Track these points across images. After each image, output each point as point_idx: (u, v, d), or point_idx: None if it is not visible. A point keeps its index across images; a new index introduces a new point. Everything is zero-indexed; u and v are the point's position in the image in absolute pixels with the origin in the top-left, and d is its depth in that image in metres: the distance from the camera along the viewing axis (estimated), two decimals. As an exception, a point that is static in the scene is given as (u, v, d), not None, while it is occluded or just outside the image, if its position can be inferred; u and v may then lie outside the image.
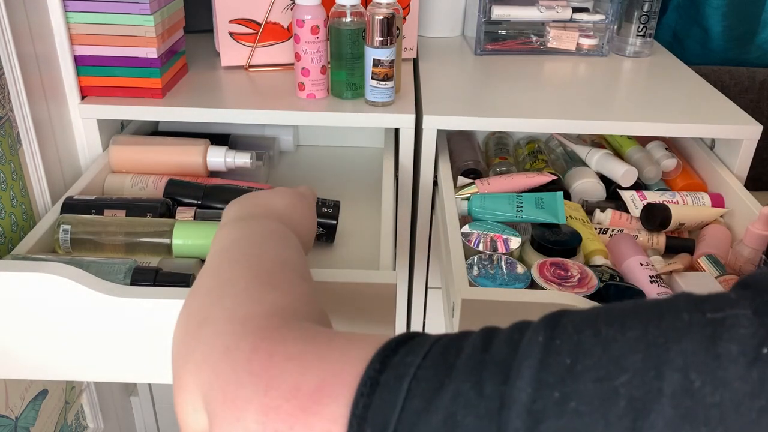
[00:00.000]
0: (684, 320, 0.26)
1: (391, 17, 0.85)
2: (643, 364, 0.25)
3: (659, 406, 0.24)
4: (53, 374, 0.66)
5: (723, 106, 0.97)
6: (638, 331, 0.26)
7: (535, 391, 0.26)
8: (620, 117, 0.92)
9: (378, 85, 0.90)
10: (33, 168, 0.82)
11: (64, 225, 0.72)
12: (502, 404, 0.27)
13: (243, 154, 0.89)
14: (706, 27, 1.46)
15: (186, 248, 0.72)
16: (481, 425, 0.27)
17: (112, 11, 0.85)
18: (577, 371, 0.26)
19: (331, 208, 0.79)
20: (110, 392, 1.12)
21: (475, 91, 1.02)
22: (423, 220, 0.98)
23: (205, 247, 0.72)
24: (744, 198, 0.85)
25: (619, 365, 0.26)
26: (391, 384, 0.30)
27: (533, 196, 0.84)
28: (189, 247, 0.72)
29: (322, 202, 0.80)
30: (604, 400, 0.25)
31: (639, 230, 0.85)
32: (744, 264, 0.77)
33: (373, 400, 0.29)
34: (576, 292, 0.68)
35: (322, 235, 0.79)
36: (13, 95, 0.77)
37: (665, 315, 0.27)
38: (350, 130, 1.13)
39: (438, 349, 0.31)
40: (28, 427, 0.85)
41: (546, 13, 1.16)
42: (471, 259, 0.74)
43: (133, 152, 0.89)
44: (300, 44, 0.89)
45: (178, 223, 0.73)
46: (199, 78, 1.01)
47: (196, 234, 0.72)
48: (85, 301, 0.60)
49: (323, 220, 0.79)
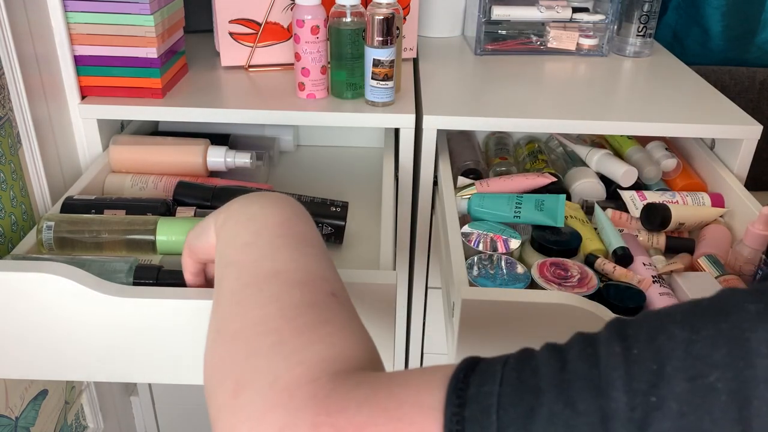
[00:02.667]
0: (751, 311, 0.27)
1: (391, 17, 0.85)
2: (730, 358, 0.26)
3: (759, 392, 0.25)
4: (53, 374, 0.66)
5: (723, 106, 0.97)
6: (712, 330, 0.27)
7: (631, 399, 0.27)
8: (620, 117, 0.92)
9: (378, 85, 0.90)
10: (33, 168, 0.82)
11: (48, 222, 0.71)
12: (603, 418, 0.27)
13: (243, 154, 0.89)
14: (706, 27, 1.46)
15: (170, 245, 0.71)
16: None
17: (112, 11, 0.85)
18: (667, 374, 0.27)
19: (340, 208, 0.79)
20: (110, 392, 1.12)
21: (475, 91, 1.02)
22: (423, 220, 0.98)
23: None
24: (744, 198, 0.85)
25: (707, 363, 0.26)
26: (478, 417, 0.29)
27: (533, 198, 0.84)
28: (173, 243, 0.71)
29: (330, 202, 0.79)
30: (704, 397, 0.26)
31: (639, 230, 0.85)
32: (744, 264, 0.77)
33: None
34: (576, 292, 0.68)
35: (330, 235, 0.79)
36: (13, 95, 0.77)
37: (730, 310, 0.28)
38: (350, 130, 1.13)
39: (511, 373, 0.30)
40: (28, 427, 0.85)
41: (546, 13, 1.16)
42: (471, 259, 0.74)
43: (133, 152, 0.89)
44: (300, 44, 0.89)
45: (161, 220, 0.72)
46: (199, 78, 1.01)
47: (180, 230, 0.71)
48: (85, 301, 0.60)
49: (331, 221, 0.79)
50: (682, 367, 0.27)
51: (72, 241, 0.71)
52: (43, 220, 0.71)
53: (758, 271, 0.75)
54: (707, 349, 0.27)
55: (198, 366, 0.42)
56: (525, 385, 0.29)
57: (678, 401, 0.26)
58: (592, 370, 0.28)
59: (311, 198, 0.79)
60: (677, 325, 0.28)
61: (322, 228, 0.78)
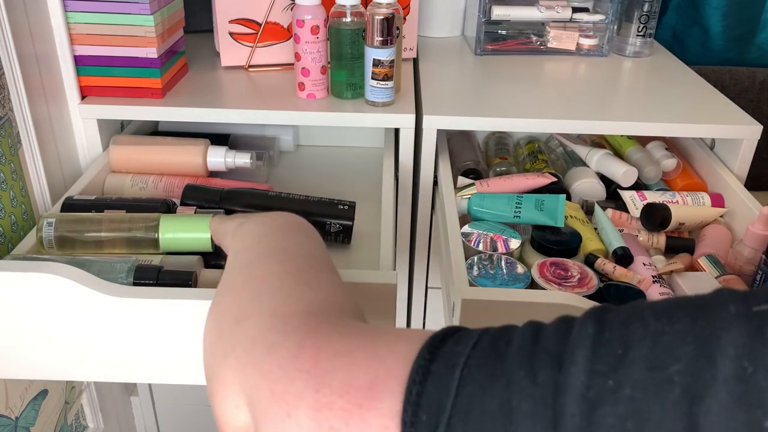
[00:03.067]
0: (731, 312, 0.27)
1: (391, 17, 0.85)
2: (695, 354, 0.26)
3: (714, 391, 0.25)
4: (53, 374, 0.66)
5: (723, 106, 0.97)
6: (687, 324, 0.27)
7: (589, 379, 0.27)
8: (620, 117, 0.92)
9: (378, 85, 0.90)
10: (33, 168, 0.82)
11: (48, 220, 0.71)
12: (557, 391, 0.28)
13: (243, 154, 0.89)
14: (706, 27, 1.46)
15: (173, 242, 0.70)
16: (537, 410, 0.28)
17: (112, 11, 0.85)
18: (630, 360, 0.27)
19: (347, 207, 0.79)
20: (110, 392, 1.12)
21: (475, 91, 1.02)
22: (423, 220, 0.98)
23: (192, 240, 0.70)
24: (744, 198, 0.85)
25: (672, 355, 0.27)
26: (443, 372, 0.30)
27: (533, 198, 0.84)
28: (176, 240, 0.70)
29: (338, 201, 0.79)
30: (659, 387, 0.26)
31: (639, 230, 0.85)
32: (744, 264, 0.77)
33: (426, 387, 0.30)
34: (576, 292, 0.68)
35: (339, 233, 0.79)
36: (13, 95, 0.77)
37: (712, 309, 0.28)
38: (350, 130, 1.13)
39: (487, 339, 0.32)
40: (28, 427, 0.85)
41: (546, 13, 1.16)
42: (471, 259, 0.74)
43: (133, 152, 0.89)
44: (300, 44, 0.89)
45: (164, 217, 0.71)
46: (199, 78, 1.01)
47: (183, 228, 0.70)
48: (85, 301, 0.60)
49: (340, 221, 0.79)
50: (646, 356, 0.27)
51: (72, 240, 0.71)
52: (44, 218, 0.71)
53: (758, 271, 0.75)
54: (675, 342, 0.27)
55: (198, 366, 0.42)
56: (495, 351, 0.31)
57: (633, 387, 0.26)
58: (559, 346, 0.29)
59: (318, 198, 0.79)
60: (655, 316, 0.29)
61: (330, 227, 0.78)
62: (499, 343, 0.31)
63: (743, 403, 0.24)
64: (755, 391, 0.25)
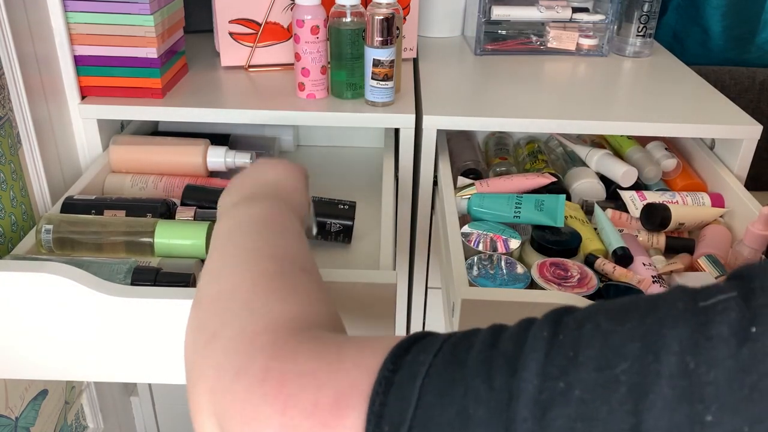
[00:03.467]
0: (679, 308, 0.27)
1: (391, 17, 0.85)
2: (641, 351, 0.26)
3: (658, 388, 0.25)
4: (53, 374, 0.66)
5: (723, 106, 0.97)
6: (636, 322, 0.28)
7: (542, 383, 0.28)
8: (620, 117, 0.92)
9: (378, 85, 0.90)
10: (33, 168, 0.82)
11: (47, 225, 0.71)
12: (510, 396, 0.28)
13: (243, 154, 0.89)
14: (706, 27, 1.46)
15: (169, 247, 0.71)
16: (491, 417, 0.28)
17: (112, 11, 0.85)
18: (579, 362, 0.27)
19: (348, 207, 0.79)
20: (110, 392, 1.12)
21: (475, 91, 1.02)
22: (423, 220, 0.98)
23: (187, 246, 0.71)
24: (744, 198, 0.85)
25: (619, 354, 0.27)
26: (404, 383, 0.31)
27: (533, 198, 0.84)
28: (172, 246, 0.71)
29: (338, 201, 0.79)
30: (606, 387, 0.26)
31: (639, 230, 0.85)
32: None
33: (389, 399, 0.30)
34: (576, 292, 0.68)
35: (339, 233, 0.79)
36: (13, 95, 0.77)
37: (661, 306, 0.28)
38: (350, 130, 1.13)
39: (448, 347, 0.32)
40: (28, 427, 0.85)
41: (546, 13, 1.16)
42: (471, 259, 0.74)
43: (133, 152, 0.89)
44: (300, 44, 0.90)
45: (160, 223, 0.72)
46: (199, 78, 1.01)
47: (178, 233, 0.71)
48: (85, 301, 0.60)
49: (340, 220, 0.79)
50: (595, 357, 0.27)
51: (71, 242, 0.71)
52: (43, 221, 0.71)
53: (758, 271, 0.75)
54: (623, 341, 0.27)
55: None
56: (455, 358, 0.31)
57: (582, 389, 0.27)
58: (516, 350, 0.29)
59: (319, 197, 0.79)
60: (607, 316, 0.29)
61: (330, 227, 0.78)
62: (461, 350, 0.31)
63: (685, 398, 0.25)
64: (697, 385, 0.25)
